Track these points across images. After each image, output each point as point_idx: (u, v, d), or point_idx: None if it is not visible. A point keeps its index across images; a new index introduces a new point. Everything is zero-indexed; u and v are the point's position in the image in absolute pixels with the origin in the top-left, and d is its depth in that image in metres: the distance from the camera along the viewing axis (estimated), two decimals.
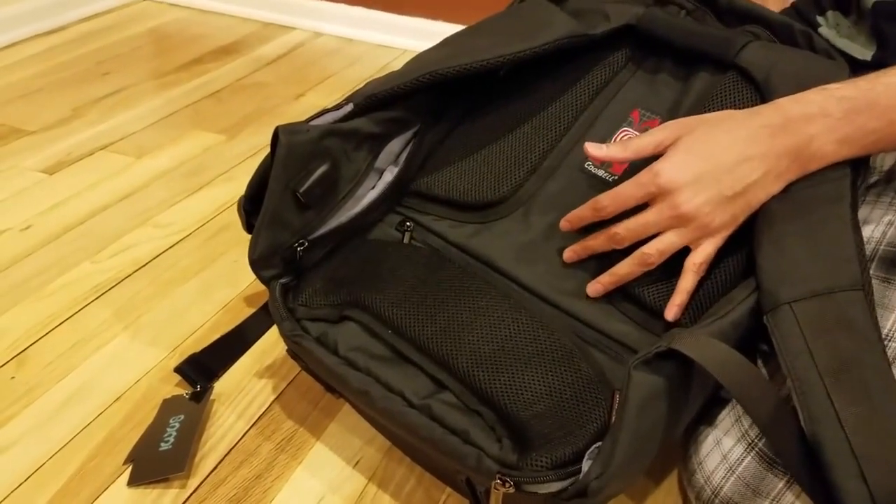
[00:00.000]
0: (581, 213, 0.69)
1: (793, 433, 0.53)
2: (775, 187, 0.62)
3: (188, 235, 1.10)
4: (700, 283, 0.65)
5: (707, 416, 0.65)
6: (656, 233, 0.64)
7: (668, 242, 0.63)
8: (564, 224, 0.71)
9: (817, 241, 0.59)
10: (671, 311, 0.64)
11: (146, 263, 1.03)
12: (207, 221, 1.13)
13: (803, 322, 0.55)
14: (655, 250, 0.64)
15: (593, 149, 0.67)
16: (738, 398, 0.53)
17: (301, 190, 0.71)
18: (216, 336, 0.87)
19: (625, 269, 0.66)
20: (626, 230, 0.65)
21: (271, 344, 0.89)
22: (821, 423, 0.51)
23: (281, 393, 0.83)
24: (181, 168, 1.27)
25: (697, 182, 0.61)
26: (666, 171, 0.62)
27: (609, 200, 0.65)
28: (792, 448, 0.53)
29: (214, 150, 1.33)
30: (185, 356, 0.85)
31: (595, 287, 0.68)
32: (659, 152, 0.64)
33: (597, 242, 0.68)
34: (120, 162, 1.29)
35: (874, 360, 0.53)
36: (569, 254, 0.71)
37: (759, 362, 0.63)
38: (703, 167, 0.61)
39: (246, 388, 0.84)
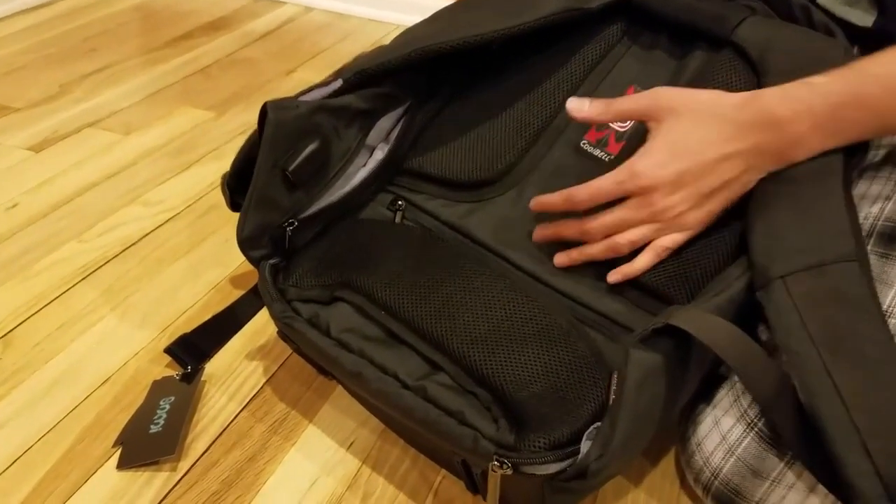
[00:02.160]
0: (552, 201, 0.68)
1: (793, 408, 0.53)
2: (755, 180, 0.62)
3: (177, 214, 1.08)
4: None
5: (705, 396, 0.64)
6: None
7: (640, 235, 0.64)
8: (534, 205, 0.70)
9: (808, 216, 0.59)
10: (613, 276, 0.66)
11: (135, 242, 1.02)
12: (197, 200, 1.11)
13: (796, 296, 0.55)
14: (627, 241, 0.65)
15: (574, 103, 0.67)
16: (737, 371, 0.53)
17: (290, 168, 0.70)
18: (206, 317, 0.86)
19: (595, 251, 0.67)
20: (600, 226, 0.65)
21: (262, 325, 0.88)
22: (819, 397, 0.51)
23: (273, 374, 0.82)
24: (169, 145, 1.25)
25: (677, 181, 0.61)
26: (647, 173, 0.61)
27: (585, 196, 0.65)
28: (792, 423, 0.53)
29: (203, 127, 1.31)
30: (174, 337, 0.84)
31: (561, 259, 0.69)
32: (641, 121, 0.65)
33: (569, 232, 0.68)
34: (107, 139, 1.27)
35: (871, 330, 0.53)
36: (538, 233, 0.70)
37: None
38: (684, 165, 0.61)
39: (237, 369, 0.83)
